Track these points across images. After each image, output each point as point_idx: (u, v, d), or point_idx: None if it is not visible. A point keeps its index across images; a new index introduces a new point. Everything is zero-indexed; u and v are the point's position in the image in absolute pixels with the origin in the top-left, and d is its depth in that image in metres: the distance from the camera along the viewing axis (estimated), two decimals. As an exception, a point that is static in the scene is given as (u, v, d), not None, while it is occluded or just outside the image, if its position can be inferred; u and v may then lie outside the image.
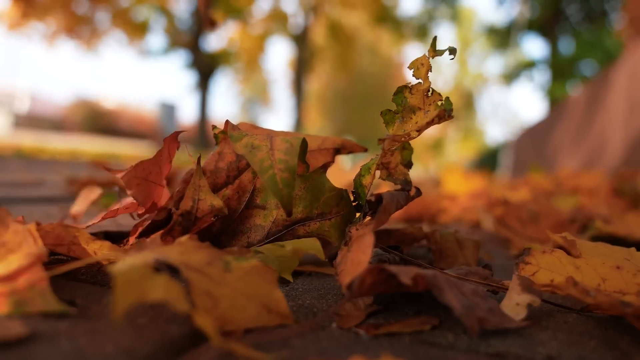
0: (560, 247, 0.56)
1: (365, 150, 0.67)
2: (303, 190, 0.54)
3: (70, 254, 0.50)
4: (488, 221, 1.11)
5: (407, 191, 0.56)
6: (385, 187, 1.49)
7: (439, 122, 0.50)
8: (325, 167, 0.60)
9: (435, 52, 0.51)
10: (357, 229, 0.49)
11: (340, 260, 0.48)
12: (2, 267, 0.38)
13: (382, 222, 0.49)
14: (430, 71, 0.52)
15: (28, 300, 0.37)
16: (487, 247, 0.98)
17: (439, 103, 0.51)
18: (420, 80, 0.52)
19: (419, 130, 0.52)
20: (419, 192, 0.58)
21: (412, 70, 0.52)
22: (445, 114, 0.49)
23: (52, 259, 0.58)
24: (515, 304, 0.43)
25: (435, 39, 0.52)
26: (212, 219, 0.52)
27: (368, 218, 0.54)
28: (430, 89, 0.52)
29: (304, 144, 0.52)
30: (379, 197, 0.50)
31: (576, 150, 5.19)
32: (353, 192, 0.56)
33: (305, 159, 0.54)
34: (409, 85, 0.53)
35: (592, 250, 0.50)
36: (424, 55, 0.52)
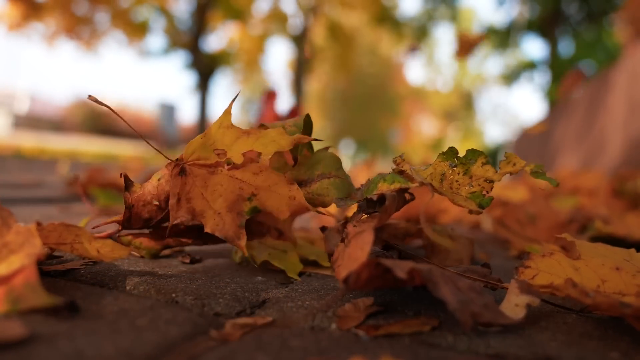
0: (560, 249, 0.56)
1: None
2: (308, 160, 0.60)
3: (74, 252, 0.50)
4: (487, 222, 1.12)
5: (404, 194, 0.57)
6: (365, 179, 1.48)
7: (467, 209, 0.50)
8: (327, 148, 0.63)
9: (535, 175, 0.51)
10: (354, 226, 0.49)
11: (338, 256, 0.48)
12: (4, 267, 0.38)
13: (383, 221, 0.49)
14: (512, 173, 0.52)
15: (22, 297, 0.37)
16: (486, 247, 0.98)
17: (484, 195, 0.52)
18: (498, 169, 0.52)
19: (451, 191, 0.53)
20: (412, 197, 0.58)
21: (505, 159, 0.52)
22: (476, 210, 0.50)
23: (55, 260, 0.58)
24: (514, 305, 0.43)
25: (542, 167, 0.51)
26: None
27: (365, 216, 0.54)
28: (492, 181, 0.52)
29: (308, 118, 0.59)
30: (382, 197, 0.50)
31: (576, 151, 5.20)
32: (363, 185, 0.57)
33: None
34: (487, 159, 0.53)
35: (592, 252, 0.50)
36: (525, 165, 0.51)
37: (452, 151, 0.54)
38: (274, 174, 0.55)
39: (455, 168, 0.54)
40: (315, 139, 0.57)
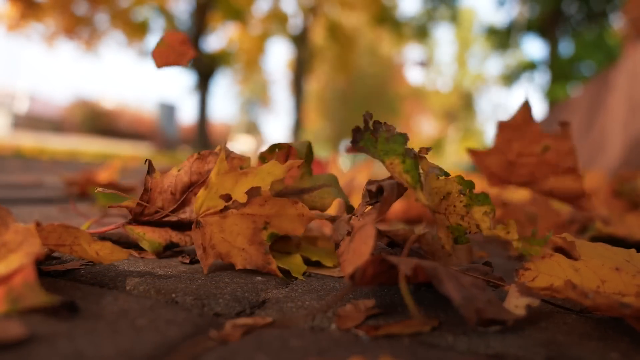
0: (560, 249, 0.56)
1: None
2: (310, 178, 0.69)
3: (73, 254, 0.50)
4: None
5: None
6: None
7: (444, 244, 0.53)
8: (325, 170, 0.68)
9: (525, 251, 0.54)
10: (358, 220, 0.49)
11: (343, 250, 0.48)
12: (3, 267, 0.38)
13: (384, 212, 0.49)
14: (501, 238, 0.54)
15: (21, 297, 0.37)
16: (486, 248, 0.98)
17: (465, 233, 0.55)
18: (486, 223, 0.54)
19: (445, 212, 0.55)
20: None
21: (504, 225, 0.54)
22: (448, 249, 0.54)
23: (55, 261, 0.58)
24: (514, 306, 0.43)
25: (541, 242, 0.53)
26: None
27: (369, 208, 0.53)
28: (480, 231, 0.54)
29: (310, 146, 0.69)
30: (380, 188, 0.49)
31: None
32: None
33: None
34: (493, 212, 0.54)
35: (592, 252, 0.50)
36: (516, 239, 0.53)
37: (470, 184, 0.55)
38: (278, 200, 0.59)
39: (462, 196, 0.55)
40: (311, 157, 0.67)
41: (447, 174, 0.55)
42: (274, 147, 0.68)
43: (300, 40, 14.46)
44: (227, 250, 0.58)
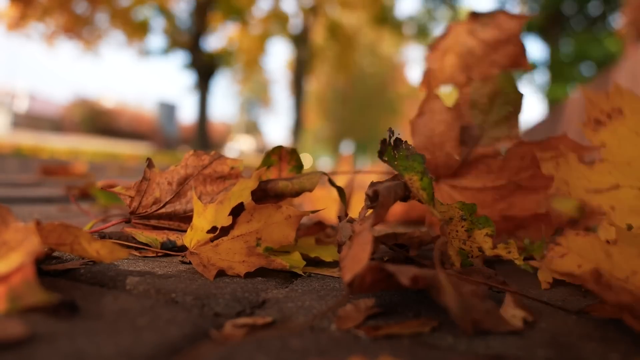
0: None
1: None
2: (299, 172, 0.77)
3: (73, 253, 0.50)
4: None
5: (404, 181, 0.56)
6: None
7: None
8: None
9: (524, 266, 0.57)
10: (360, 225, 0.49)
11: (344, 255, 0.48)
12: (3, 265, 0.38)
13: (381, 216, 0.49)
14: (502, 257, 0.57)
15: (21, 295, 0.37)
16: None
17: (468, 257, 0.58)
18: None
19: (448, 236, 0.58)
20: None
21: (506, 243, 0.57)
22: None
23: (55, 260, 0.58)
24: (511, 316, 0.43)
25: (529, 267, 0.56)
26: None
27: (370, 211, 0.53)
28: (482, 252, 0.57)
29: (296, 152, 0.77)
30: (375, 192, 0.49)
31: (575, 152, 5.18)
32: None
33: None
34: (493, 233, 0.57)
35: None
36: (517, 258, 0.56)
37: (472, 208, 0.56)
38: (264, 210, 0.60)
39: (464, 221, 0.56)
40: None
41: None
42: (276, 149, 0.77)
43: (301, 40, 14.45)
44: (229, 265, 0.58)
